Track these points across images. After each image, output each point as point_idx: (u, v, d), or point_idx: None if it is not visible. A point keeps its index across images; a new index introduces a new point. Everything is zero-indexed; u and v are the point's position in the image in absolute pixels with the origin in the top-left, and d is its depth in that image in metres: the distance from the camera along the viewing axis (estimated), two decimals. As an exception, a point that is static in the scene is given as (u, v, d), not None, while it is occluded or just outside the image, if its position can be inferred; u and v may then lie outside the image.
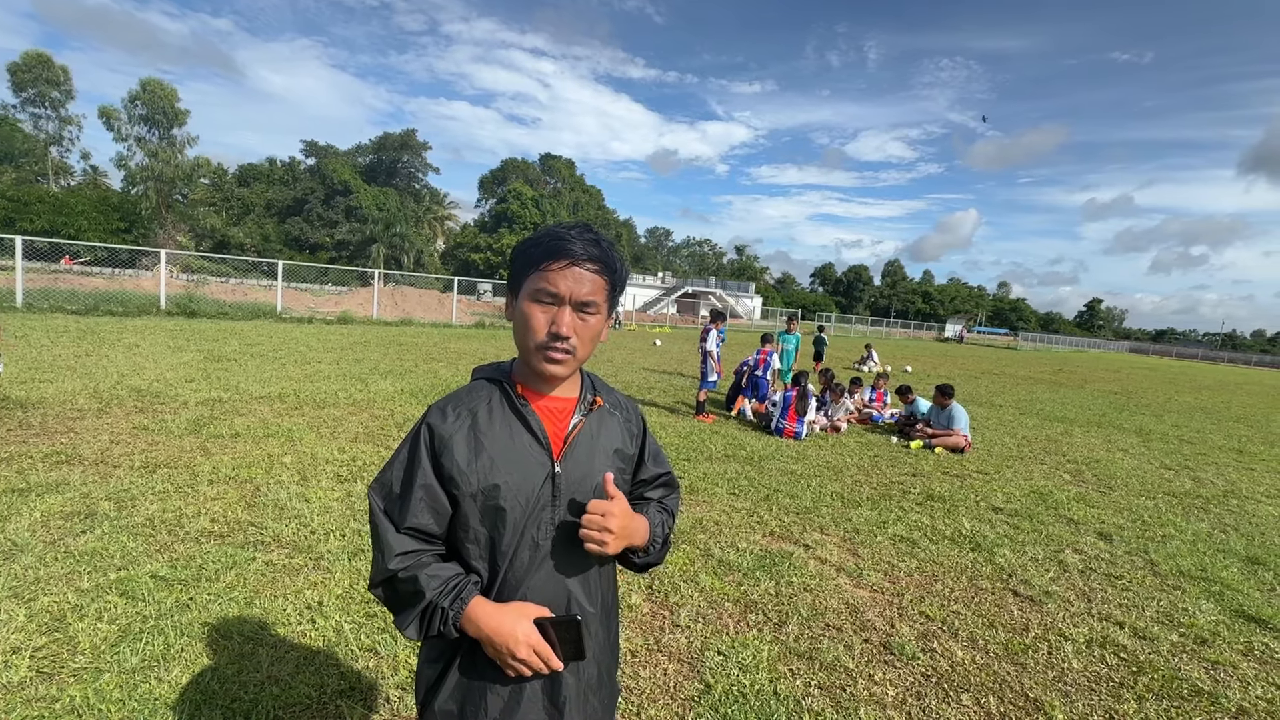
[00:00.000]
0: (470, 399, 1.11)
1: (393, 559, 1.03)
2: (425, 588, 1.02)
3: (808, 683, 2.64)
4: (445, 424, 1.07)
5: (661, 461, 1.31)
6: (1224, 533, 5.20)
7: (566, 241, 1.03)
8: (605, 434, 1.17)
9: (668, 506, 1.29)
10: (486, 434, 1.07)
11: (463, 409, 1.09)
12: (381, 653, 2.57)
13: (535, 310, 1.04)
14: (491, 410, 1.09)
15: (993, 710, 2.57)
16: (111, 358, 8.69)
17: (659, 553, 1.21)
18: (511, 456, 1.07)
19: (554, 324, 1.03)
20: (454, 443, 1.06)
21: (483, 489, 1.05)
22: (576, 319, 1.05)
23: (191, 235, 46.85)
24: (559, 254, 1.03)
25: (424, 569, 1.03)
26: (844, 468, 6.35)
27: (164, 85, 42.73)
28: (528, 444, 1.08)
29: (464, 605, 1.02)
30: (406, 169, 65.25)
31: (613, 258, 1.07)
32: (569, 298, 1.03)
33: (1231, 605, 3.76)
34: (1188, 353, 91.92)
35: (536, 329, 1.04)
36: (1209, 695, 2.79)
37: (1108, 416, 12.17)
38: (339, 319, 18.45)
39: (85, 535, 3.34)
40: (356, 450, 5.30)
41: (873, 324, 63.69)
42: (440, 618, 1.01)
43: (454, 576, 1.04)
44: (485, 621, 1.01)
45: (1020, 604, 3.57)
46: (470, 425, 1.07)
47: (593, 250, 1.04)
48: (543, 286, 1.03)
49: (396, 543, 1.04)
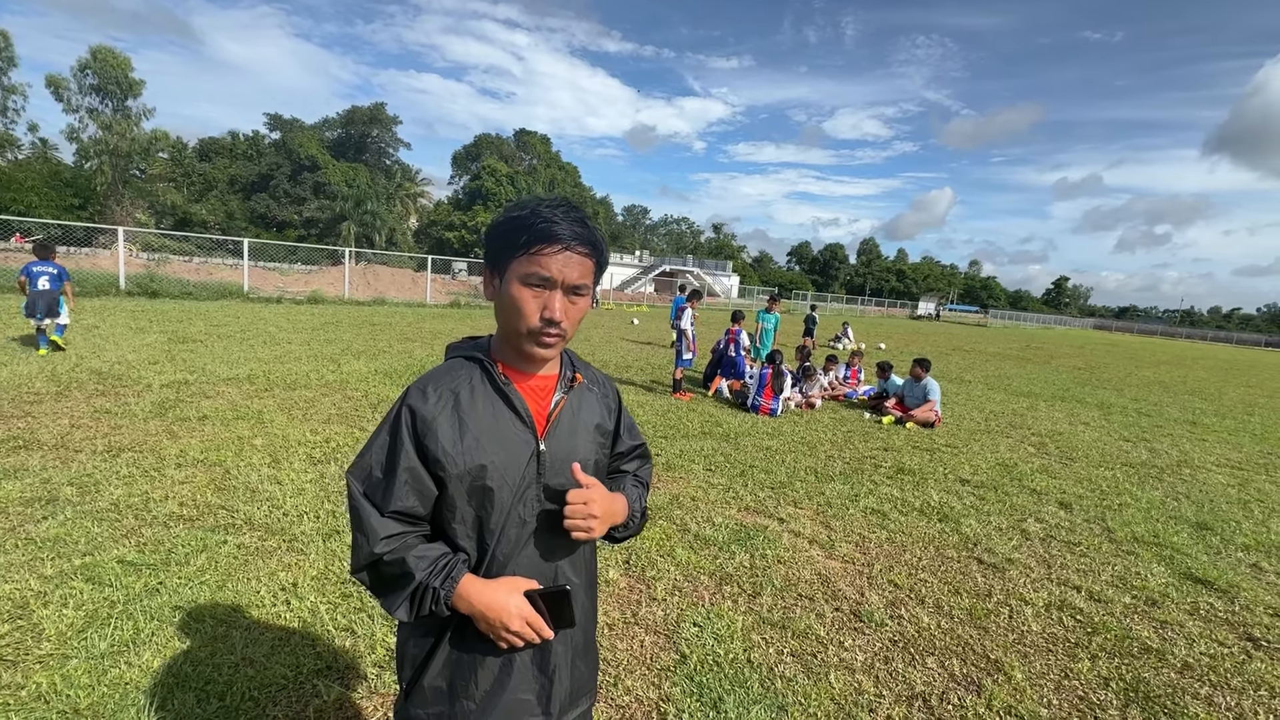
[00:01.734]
0: (451, 379, 1.09)
1: (378, 543, 1.03)
2: (414, 569, 1.02)
3: (780, 650, 2.72)
4: (427, 405, 1.06)
5: (635, 434, 1.34)
6: (1176, 500, 5.44)
7: (555, 224, 1.02)
8: (585, 410, 1.19)
9: (642, 478, 1.33)
10: (470, 414, 1.06)
11: (444, 389, 1.08)
12: (358, 632, 2.57)
13: (526, 294, 1.03)
14: (474, 390, 1.09)
15: (956, 672, 2.68)
16: (69, 339, 8.38)
17: (638, 525, 1.25)
18: (496, 436, 1.07)
19: (546, 309, 1.03)
20: (438, 424, 1.05)
21: (470, 469, 1.05)
22: (567, 302, 1.05)
23: (151, 212, 45.03)
24: (550, 239, 1.01)
25: (410, 551, 1.03)
26: (818, 443, 6.46)
27: (116, 53, 40.52)
28: (511, 423, 1.09)
29: (455, 584, 1.02)
30: (376, 144, 63.39)
31: (599, 239, 1.08)
32: (561, 282, 1.03)
33: (1181, 568, 3.95)
34: (1149, 329, 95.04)
35: (528, 314, 1.03)
36: (1157, 652, 2.95)
37: (1071, 391, 12.56)
38: (309, 299, 18.02)
39: (47, 521, 3.25)
40: (330, 432, 5.22)
41: (848, 302, 64.43)
42: (431, 598, 1.01)
43: (442, 556, 1.05)
44: (477, 598, 1.02)
45: (984, 571, 3.70)
46: (453, 405, 1.06)
47: (581, 232, 1.04)
48: (534, 271, 1.02)
49: (381, 526, 1.03)
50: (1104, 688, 2.65)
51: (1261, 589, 3.75)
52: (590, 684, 1.24)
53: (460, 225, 57.82)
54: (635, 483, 1.30)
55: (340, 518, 3.61)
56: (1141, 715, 2.49)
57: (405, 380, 7.61)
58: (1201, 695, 2.65)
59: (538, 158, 71.46)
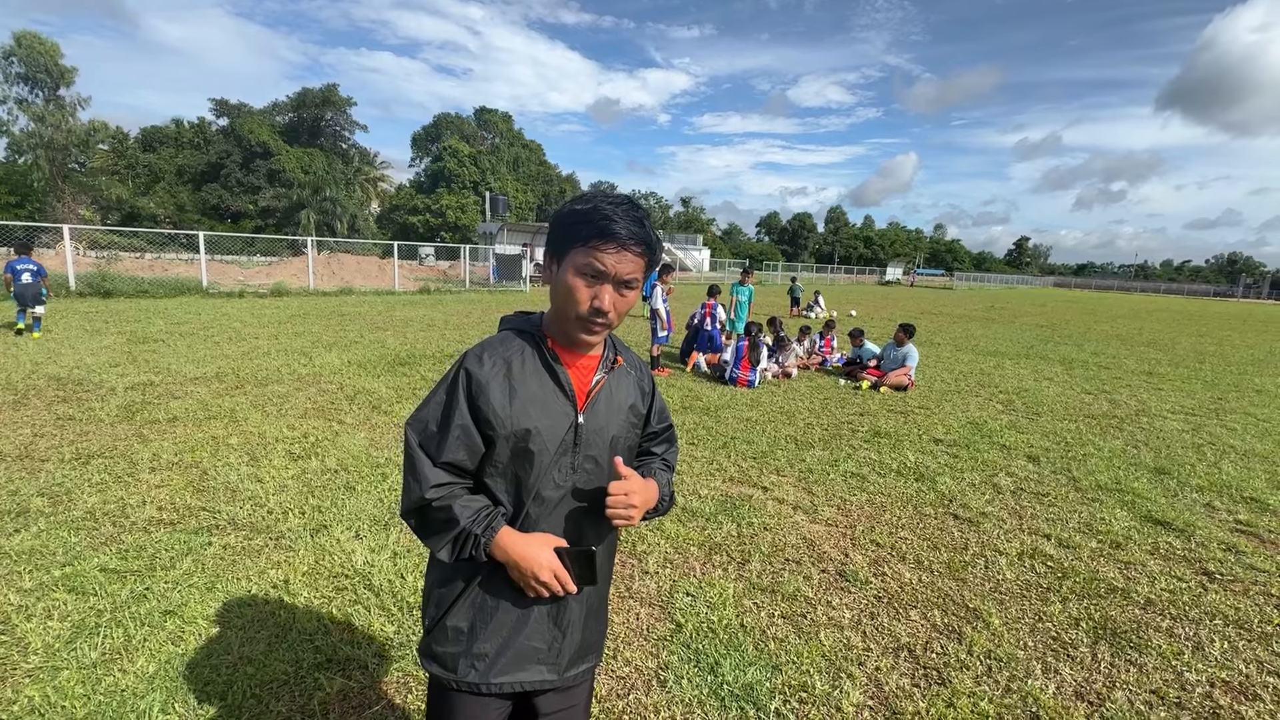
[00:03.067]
0: (504, 348, 1.18)
1: (429, 489, 1.12)
2: (459, 516, 1.12)
3: (771, 614, 2.82)
4: (482, 369, 1.15)
5: (665, 417, 1.42)
6: (1135, 448, 5.71)
7: (615, 222, 1.08)
8: (622, 391, 1.27)
9: (669, 461, 1.43)
10: (520, 382, 1.16)
11: (498, 357, 1.17)
12: (355, 623, 2.58)
13: (579, 284, 1.11)
14: (525, 361, 1.18)
15: (938, 622, 2.81)
16: (22, 345, 8.04)
17: (666, 506, 1.36)
18: (542, 404, 1.16)
19: (596, 299, 1.10)
20: (490, 387, 1.14)
21: (516, 431, 1.14)
22: (616, 295, 1.13)
23: (95, 208, 42.92)
24: (608, 236, 1.08)
25: (457, 500, 1.13)
26: (796, 412, 6.59)
27: (42, 39, 38.09)
28: (555, 394, 1.18)
29: (494, 533, 1.12)
30: (331, 127, 61.02)
31: (653, 237, 1.14)
32: (613, 276, 1.10)
33: (1141, 512, 4.17)
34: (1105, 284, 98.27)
35: (580, 301, 1.11)
36: (1122, 591, 3.13)
37: (1035, 348, 12.98)
38: (273, 291, 17.48)
39: (20, 534, 3.16)
40: (307, 427, 5.14)
41: (818, 270, 65.02)
42: (472, 543, 1.12)
43: (484, 508, 1.15)
44: (513, 548, 1.13)
45: (960, 526, 3.86)
46: (505, 373, 1.15)
47: (638, 232, 1.10)
48: (589, 262, 1.10)
49: (432, 475, 1.13)
50: (1075, 627, 2.80)
51: (1215, 526, 3.99)
52: (598, 644, 1.34)
53: (424, 209, 56.53)
54: (663, 467, 1.39)
55: (327, 512, 3.58)
56: (1110, 650, 2.65)
57: (380, 371, 7.50)
58: (1163, 628, 2.83)
59: (500, 136, 69.91)
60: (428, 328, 11.87)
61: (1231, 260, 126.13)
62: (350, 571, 2.97)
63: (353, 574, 2.95)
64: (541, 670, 1.22)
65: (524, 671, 1.21)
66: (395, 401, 6.06)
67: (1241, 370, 11.15)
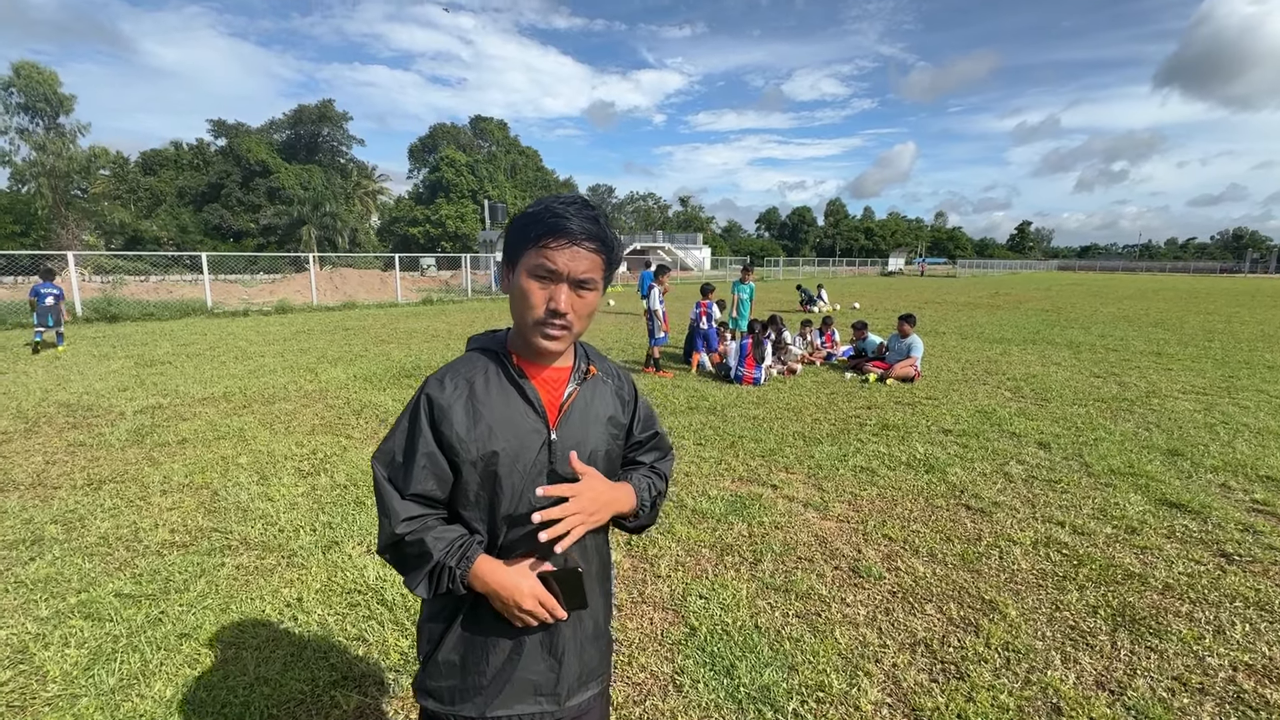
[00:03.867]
0: (467, 369, 1.14)
1: (399, 524, 1.07)
2: (432, 549, 1.06)
3: (786, 613, 2.80)
4: (444, 394, 1.10)
5: (652, 425, 1.35)
6: (1147, 430, 5.66)
7: (565, 219, 1.04)
8: (598, 402, 1.21)
9: (659, 470, 1.33)
10: (484, 403, 1.11)
11: (460, 379, 1.12)
12: (370, 639, 2.58)
13: (534, 286, 1.06)
14: (488, 380, 1.13)
15: (954, 615, 2.79)
16: (31, 373, 8.11)
17: (650, 515, 1.26)
18: (508, 425, 1.11)
19: (552, 300, 1.06)
20: (453, 412, 1.09)
21: (481, 456, 1.09)
22: (574, 296, 1.07)
23: (99, 233, 43.27)
24: (558, 232, 1.04)
25: (429, 532, 1.08)
26: (803, 408, 6.57)
27: (40, 68, 38.40)
28: (524, 412, 1.12)
29: (470, 564, 1.07)
30: (328, 143, 61.32)
31: (609, 235, 1.10)
32: (567, 275, 1.05)
33: (1156, 495, 4.13)
34: (1110, 265, 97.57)
35: (535, 305, 1.06)
36: (1139, 577, 3.10)
37: (1041, 333, 12.89)
38: (276, 308, 17.58)
39: (35, 562, 3.18)
40: (315, 443, 5.16)
41: (819, 264, 64.86)
42: (448, 576, 1.06)
43: (459, 538, 1.09)
44: (491, 577, 1.07)
45: (972, 516, 3.83)
46: (468, 395, 1.11)
47: (591, 228, 1.06)
48: (541, 263, 1.05)
49: (402, 508, 1.08)
50: (1093, 615, 2.78)
51: (1231, 507, 3.94)
52: (601, 669, 1.27)
53: (424, 220, 56.73)
54: (649, 473, 1.30)
55: (338, 529, 3.59)
56: (1129, 637, 2.62)
57: (386, 384, 7.52)
58: (1183, 613, 2.80)
59: (496, 144, 70.06)
60: (432, 338, 11.90)
61: (1237, 236, 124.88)
62: (363, 587, 2.97)
63: (365, 590, 2.95)
64: (541, 702, 1.16)
65: (522, 704, 1.15)
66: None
67: (1252, 347, 11.04)
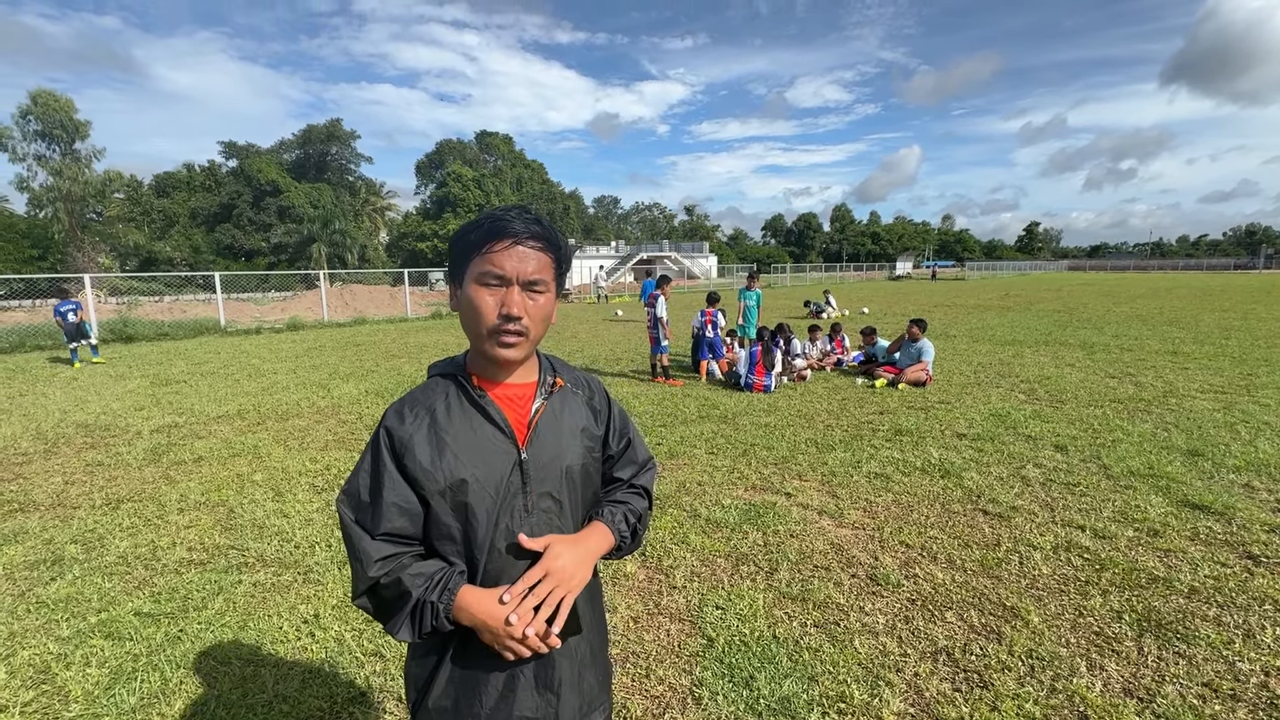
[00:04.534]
0: (426, 397, 1.09)
1: (372, 566, 1.01)
2: (410, 587, 1.00)
3: (804, 623, 2.77)
4: (403, 426, 1.06)
5: (628, 434, 1.28)
6: (1166, 431, 5.58)
7: (506, 221, 1.02)
8: (569, 414, 1.16)
9: (637, 486, 1.26)
10: (447, 430, 1.06)
11: (419, 408, 1.08)
12: (387, 655, 2.58)
13: (483, 294, 1.02)
14: (449, 406, 1.08)
15: (975, 623, 2.75)
16: (49, 394, 8.23)
17: (631, 543, 1.20)
18: (475, 449, 1.06)
19: (504, 305, 1.01)
20: (414, 443, 1.04)
21: (450, 486, 1.04)
22: (526, 298, 1.03)
23: (114, 255, 43.94)
24: (500, 234, 1.01)
25: (405, 570, 1.02)
26: (815, 414, 6.53)
27: (57, 96, 39.25)
28: (490, 435, 1.07)
29: (453, 596, 1.00)
30: (337, 161, 62.16)
31: (554, 234, 1.07)
32: (516, 277, 1.02)
33: (1177, 496, 4.06)
34: (1121, 264, 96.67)
35: (486, 313, 1.02)
36: (1164, 581, 3.04)
37: (1053, 334, 12.77)
38: (288, 326, 17.76)
39: (56, 582, 3.21)
40: (329, 459, 5.19)
41: (826, 269, 64.71)
42: (431, 613, 1.00)
43: (438, 571, 1.03)
44: (477, 608, 1.00)
45: (990, 521, 3.78)
46: (429, 424, 1.06)
47: (534, 228, 1.03)
48: (488, 269, 1.01)
49: (374, 549, 1.02)
50: (1118, 621, 2.73)
51: (1256, 507, 3.87)
52: (602, 697, 1.22)
53: (431, 235, 57.14)
54: (617, 503, 1.21)
55: (352, 544, 3.60)
56: (1156, 643, 2.57)
57: (398, 397, 7.56)
58: (1210, 617, 2.75)
59: (502, 158, 70.67)
60: (442, 352, 11.96)
61: (1250, 231, 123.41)
62: (379, 602, 2.97)
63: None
64: None
65: None
66: (414, 428, 6.10)
67: (1270, 344, 10.87)
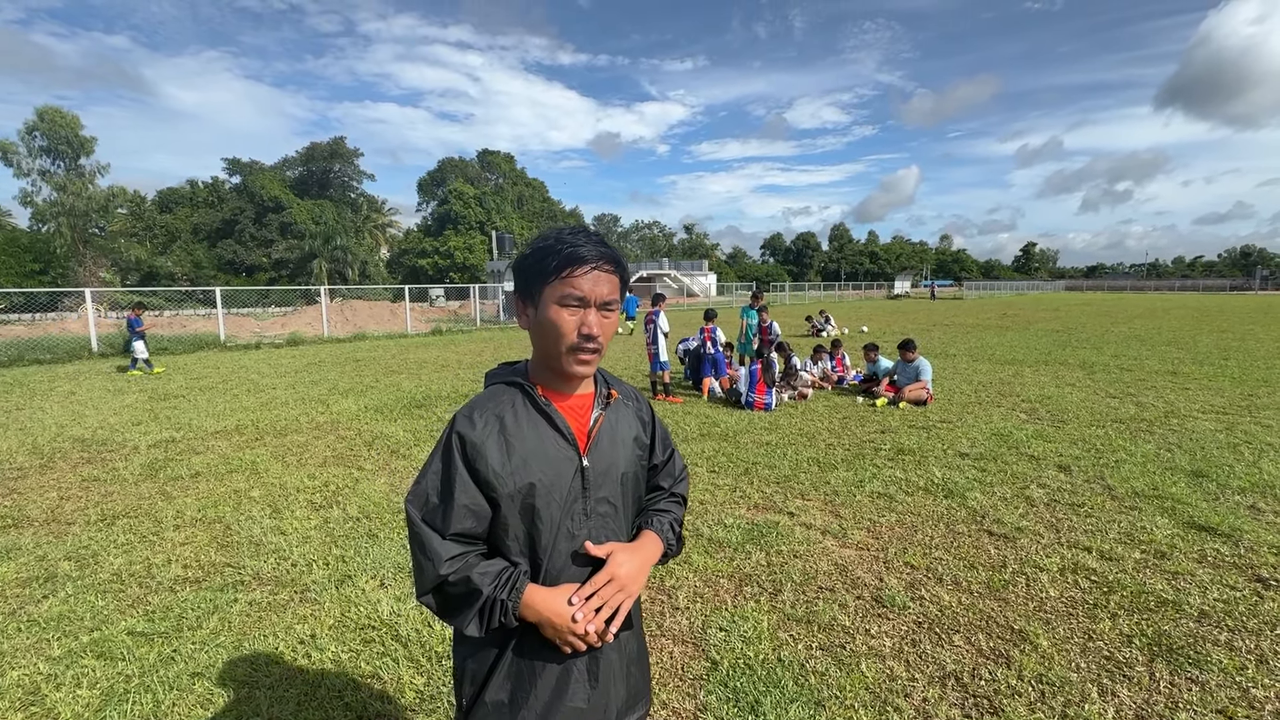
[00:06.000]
0: (495, 404, 1.15)
1: (443, 565, 1.07)
2: (480, 585, 1.07)
3: (809, 645, 2.73)
4: (475, 430, 1.11)
5: (669, 444, 1.40)
6: (1169, 451, 5.55)
7: (581, 247, 1.09)
8: (623, 424, 1.25)
9: (677, 494, 1.39)
10: (516, 436, 1.12)
11: (489, 414, 1.14)
12: (385, 677, 2.53)
13: (563, 315, 1.09)
14: (517, 413, 1.14)
15: (983, 646, 2.70)
16: (47, 409, 8.18)
17: (677, 548, 1.33)
18: (542, 455, 1.13)
19: (583, 326, 1.09)
20: (486, 448, 1.10)
21: (519, 489, 1.10)
22: (600, 317, 1.11)
23: (115, 270, 44.10)
24: (579, 261, 1.08)
25: (473, 569, 1.08)
26: (816, 433, 6.50)
27: (63, 113, 39.73)
28: (555, 442, 1.14)
29: (520, 594, 1.08)
30: (339, 178, 62.74)
31: (620, 257, 1.15)
32: (594, 300, 1.09)
33: (1183, 518, 4.03)
34: (1118, 285, 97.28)
35: (567, 332, 1.09)
36: (1173, 604, 3.00)
37: (1053, 354, 12.78)
38: (288, 341, 17.75)
39: (48, 600, 3.16)
40: (328, 475, 5.14)
41: (825, 288, 65.00)
42: (500, 610, 1.07)
43: (504, 570, 1.10)
44: (543, 605, 1.08)
45: (996, 542, 3.74)
46: (499, 429, 1.12)
47: (605, 252, 1.11)
48: (569, 292, 1.08)
49: (444, 549, 1.08)
50: (1128, 645, 2.68)
51: (1263, 529, 3.84)
52: (645, 690, 1.29)
53: (432, 251, 57.49)
54: (666, 504, 1.36)
55: (351, 562, 3.55)
56: (1167, 668, 2.53)
57: (396, 414, 7.53)
58: (1222, 641, 2.70)
59: (503, 176, 71.35)
60: (441, 368, 11.95)
61: (1245, 253, 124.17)
62: (377, 622, 2.92)
63: (379, 624, 2.90)
64: None
65: None
66: (413, 445, 6.06)
67: (1269, 364, 10.89)
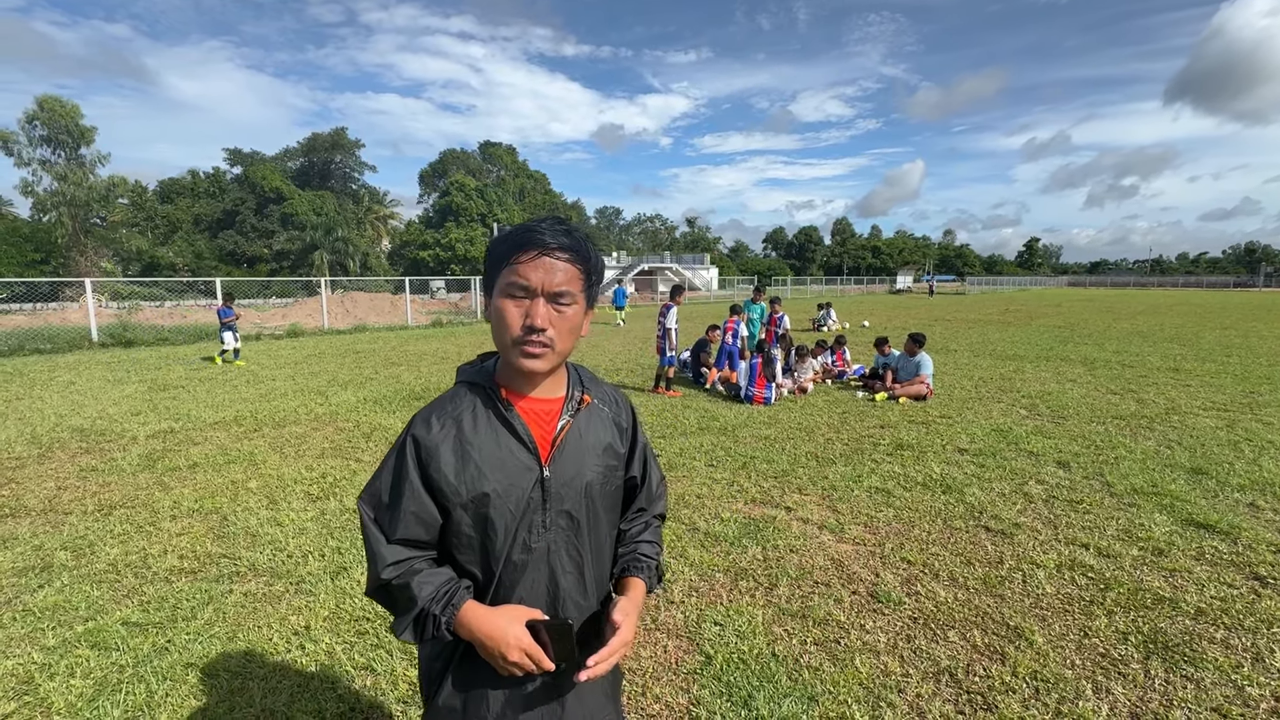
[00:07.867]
0: (454, 406, 1.10)
1: (384, 569, 1.04)
2: (418, 595, 1.03)
3: (803, 641, 2.72)
4: (431, 434, 1.07)
5: (648, 459, 1.30)
6: (1169, 448, 5.53)
7: (535, 233, 1.02)
8: (593, 432, 1.16)
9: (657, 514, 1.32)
10: (472, 442, 1.06)
11: (447, 418, 1.08)
12: (378, 669, 2.53)
13: (509, 305, 1.02)
14: (476, 417, 1.08)
15: (978, 642, 2.69)
16: (46, 398, 8.19)
17: (657, 583, 1.27)
18: (498, 464, 1.07)
19: (528, 316, 1.01)
20: (440, 453, 1.05)
21: (472, 498, 1.05)
22: (551, 310, 1.03)
23: (116, 260, 44.07)
24: (528, 245, 1.01)
25: (415, 576, 1.04)
26: (815, 427, 6.49)
27: (63, 102, 39.49)
28: (514, 449, 1.08)
29: (455, 611, 1.03)
30: (341, 170, 62.59)
31: (585, 246, 1.06)
32: (541, 289, 1.01)
33: (1182, 515, 4.02)
34: (1121, 281, 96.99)
35: (511, 324, 1.02)
36: (1170, 601, 2.99)
37: (1055, 350, 12.75)
38: (288, 332, 17.74)
39: (43, 590, 3.16)
40: (325, 467, 5.14)
41: (827, 283, 64.84)
42: (433, 624, 1.03)
43: (446, 583, 1.05)
44: (478, 625, 1.02)
45: (993, 539, 3.73)
46: (456, 434, 1.07)
47: (563, 239, 1.03)
48: (514, 280, 1.01)
49: (388, 553, 1.05)
50: (1123, 642, 2.68)
51: (1261, 527, 3.82)
52: (609, 707, 1.23)
53: (434, 243, 57.35)
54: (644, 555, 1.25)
55: (347, 554, 3.55)
56: (1163, 666, 2.52)
57: (396, 407, 7.53)
58: (1218, 639, 2.69)
59: (505, 169, 71.11)
60: (441, 360, 11.94)
61: (1250, 249, 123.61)
62: (371, 614, 2.92)
63: (374, 617, 2.90)
64: None
65: None
66: (411, 437, 6.05)
67: (1272, 362, 10.85)
